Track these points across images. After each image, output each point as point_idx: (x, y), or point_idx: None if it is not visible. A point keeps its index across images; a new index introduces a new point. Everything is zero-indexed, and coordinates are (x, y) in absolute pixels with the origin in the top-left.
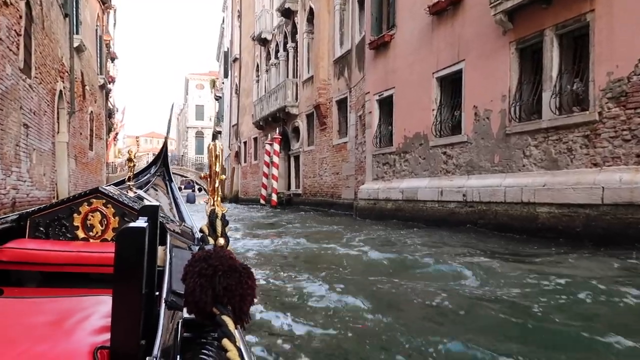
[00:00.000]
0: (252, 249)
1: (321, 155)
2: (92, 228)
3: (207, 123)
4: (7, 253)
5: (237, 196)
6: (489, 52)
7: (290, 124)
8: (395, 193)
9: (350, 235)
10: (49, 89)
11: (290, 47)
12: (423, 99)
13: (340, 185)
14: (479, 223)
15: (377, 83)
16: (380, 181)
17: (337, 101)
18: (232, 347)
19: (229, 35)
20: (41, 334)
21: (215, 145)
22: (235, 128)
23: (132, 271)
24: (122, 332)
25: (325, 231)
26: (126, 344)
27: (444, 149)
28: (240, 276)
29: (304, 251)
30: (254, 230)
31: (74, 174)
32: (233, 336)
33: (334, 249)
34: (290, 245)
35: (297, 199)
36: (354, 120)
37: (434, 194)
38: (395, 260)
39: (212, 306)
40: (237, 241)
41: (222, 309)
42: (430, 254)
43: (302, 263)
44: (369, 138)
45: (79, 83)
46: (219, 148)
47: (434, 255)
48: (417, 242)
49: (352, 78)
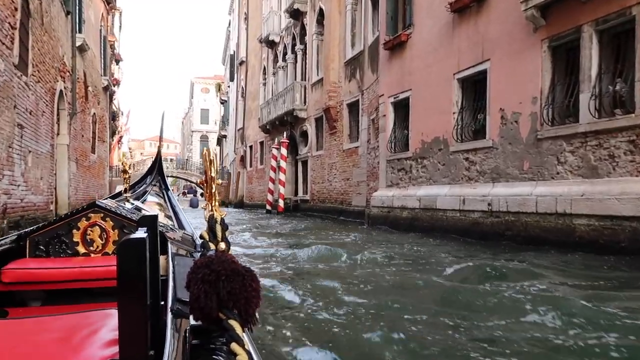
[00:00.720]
0: (269, 269)
1: (330, 160)
2: (92, 242)
3: (212, 127)
4: (9, 274)
5: (242, 201)
6: (517, 51)
7: (298, 128)
8: (411, 201)
9: (377, 250)
10: (48, 89)
11: (299, 49)
12: (442, 102)
13: (351, 192)
14: (506, 235)
15: (392, 85)
16: (395, 188)
17: (348, 104)
18: (242, 351)
19: (235, 38)
20: (49, 352)
21: (209, 151)
22: (241, 132)
23: (135, 282)
24: (130, 344)
25: (342, 242)
26: (135, 355)
27: (466, 154)
28: (244, 279)
29: (333, 274)
30: (262, 241)
31: (74, 177)
32: (241, 340)
33: (376, 271)
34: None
35: (305, 205)
36: (366, 124)
37: (455, 203)
38: (451, 288)
39: (218, 311)
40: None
41: (228, 313)
42: (484, 276)
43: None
44: (383, 142)
45: (81, 83)
46: (213, 153)
47: (488, 277)
48: (455, 256)
49: (364, 80)
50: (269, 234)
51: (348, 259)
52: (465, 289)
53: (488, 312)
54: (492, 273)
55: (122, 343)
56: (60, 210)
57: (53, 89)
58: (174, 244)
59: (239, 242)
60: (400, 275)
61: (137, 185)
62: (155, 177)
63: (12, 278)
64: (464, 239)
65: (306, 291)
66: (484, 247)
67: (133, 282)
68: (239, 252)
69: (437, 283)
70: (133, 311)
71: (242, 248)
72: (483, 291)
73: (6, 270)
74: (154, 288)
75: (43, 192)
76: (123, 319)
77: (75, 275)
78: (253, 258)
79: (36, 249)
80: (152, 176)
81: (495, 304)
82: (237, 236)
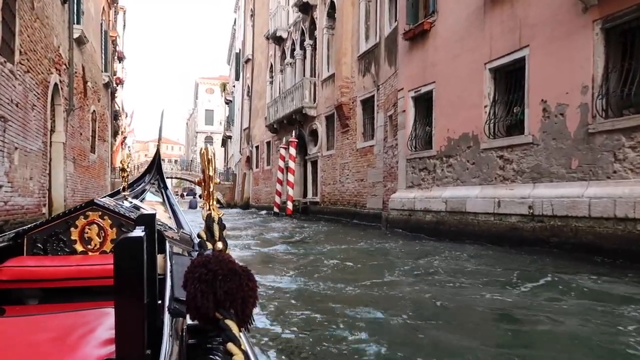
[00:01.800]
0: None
1: (342, 160)
2: (90, 241)
3: (217, 128)
4: (6, 272)
5: (248, 203)
6: (563, 35)
7: (307, 127)
8: (436, 203)
9: (414, 262)
10: (40, 80)
11: (308, 45)
12: (472, 95)
13: (365, 194)
14: (551, 242)
15: (413, 78)
16: (417, 189)
17: (362, 100)
18: (238, 351)
19: (241, 36)
20: (46, 351)
21: (207, 150)
22: (247, 132)
23: (132, 281)
24: (126, 343)
25: (367, 251)
26: (131, 355)
27: (500, 152)
28: (241, 279)
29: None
30: (276, 249)
31: (71, 178)
32: (238, 340)
33: (432, 291)
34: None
35: (314, 208)
36: (382, 121)
37: (489, 205)
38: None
39: (215, 311)
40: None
41: (224, 313)
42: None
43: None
44: (402, 140)
45: (79, 78)
46: (211, 152)
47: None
48: (514, 269)
49: (380, 74)
50: (281, 240)
51: (384, 274)
52: (576, 324)
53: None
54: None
55: (118, 342)
56: (55, 213)
57: (46, 81)
58: (172, 242)
59: (252, 261)
60: (466, 297)
61: (135, 183)
62: (154, 176)
63: (9, 276)
64: (502, 247)
65: (348, 326)
66: (532, 255)
67: (130, 280)
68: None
69: (533, 312)
70: (130, 310)
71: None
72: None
73: (3, 268)
74: (151, 287)
75: (33, 193)
76: (120, 318)
77: (73, 274)
78: (268, 276)
79: (34, 247)
80: (151, 175)
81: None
82: (243, 243)
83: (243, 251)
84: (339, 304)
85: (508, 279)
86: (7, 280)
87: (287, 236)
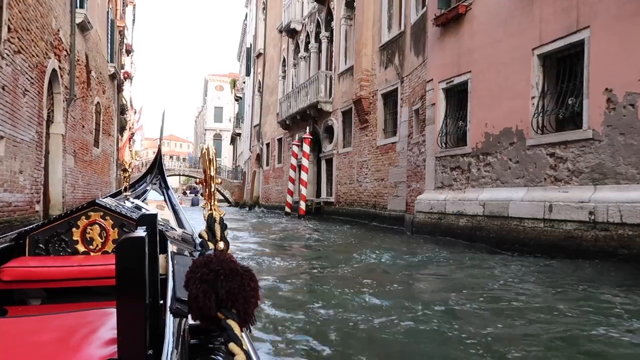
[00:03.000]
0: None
1: (360, 158)
2: (92, 241)
3: (226, 125)
4: (8, 272)
5: (257, 202)
6: (632, 13)
7: (321, 123)
8: (472, 206)
9: (471, 280)
10: (35, 64)
11: (324, 37)
12: (516, 85)
13: (386, 194)
14: (619, 254)
15: (445, 68)
16: (448, 190)
17: (384, 94)
18: (240, 351)
19: (252, 31)
20: (48, 351)
21: (208, 149)
22: (257, 129)
23: (134, 281)
24: (128, 343)
25: (405, 265)
26: (133, 355)
27: (551, 148)
28: (243, 279)
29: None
30: (284, 262)
31: (72, 173)
32: (240, 340)
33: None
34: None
35: (329, 209)
36: (406, 115)
37: (538, 210)
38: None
39: (217, 311)
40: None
41: (226, 313)
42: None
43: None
44: (431, 136)
45: (82, 66)
46: (212, 152)
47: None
48: (614, 292)
49: (404, 65)
50: (294, 244)
51: (437, 304)
52: None
53: None
54: None
55: (120, 342)
56: (52, 212)
57: (42, 65)
58: (174, 242)
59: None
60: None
61: (137, 183)
62: (156, 175)
63: (11, 276)
64: (555, 258)
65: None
66: (601, 270)
67: (132, 281)
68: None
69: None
70: (132, 310)
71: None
72: None
73: (6, 269)
74: (153, 287)
75: (23, 189)
76: (122, 318)
77: (75, 274)
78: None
79: (36, 247)
80: (153, 175)
81: None
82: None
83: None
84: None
85: (610, 308)
86: (9, 281)
87: (302, 242)
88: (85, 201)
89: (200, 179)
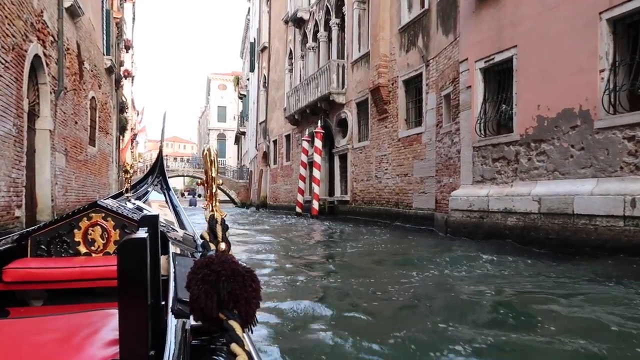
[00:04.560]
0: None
1: (379, 153)
2: (94, 242)
3: (230, 125)
4: (10, 274)
5: (265, 203)
6: None
7: (334, 116)
8: (523, 202)
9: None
10: (10, 45)
11: (334, 24)
12: (577, 57)
13: (410, 191)
14: None
15: (483, 44)
16: (490, 184)
17: (405, 81)
18: (242, 352)
19: (256, 24)
20: (50, 352)
21: (210, 150)
22: (263, 125)
23: (136, 282)
24: (130, 344)
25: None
26: (135, 355)
27: (630, 131)
28: (244, 280)
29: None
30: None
31: (63, 173)
32: (241, 340)
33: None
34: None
35: (344, 208)
36: (433, 102)
37: (615, 206)
38: None
39: (218, 312)
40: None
41: (228, 313)
42: None
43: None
44: (466, 124)
45: (72, 56)
46: (214, 153)
47: None
48: None
49: (430, 47)
50: (331, 262)
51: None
52: None
53: None
54: None
55: (122, 343)
56: (40, 217)
57: (21, 49)
58: (175, 243)
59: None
60: None
61: (138, 185)
62: (157, 177)
63: (13, 277)
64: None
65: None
66: None
67: (134, 282)
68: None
69: None
70: (134, 311)
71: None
72: None
73: (8, 270)
74: (155, 288)
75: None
76: (124, 319)
77: (77, 275)
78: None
79: (37, 249)
80: (154, 176)
81: None
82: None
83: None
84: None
85: None
86: (11, 282)
87: (326, 248)
88: (80, 205)
89: (202, 180)
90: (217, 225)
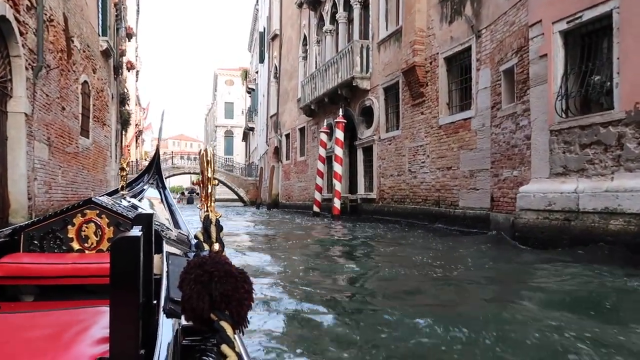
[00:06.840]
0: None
1: (413, 143)
2: (87, 239)
3: (237, 121)
4: (2, 268)
5: (277, 201)
6: None
7: (356, 105)
8: (631, 200)
9: None
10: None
11: (355, 2)
12: None
13: (455, 187)
14: None
15: (564, 1)
16: (577, 177)
17: (447, 58)
18: (232, 353)
19: (266, 12)
20: (40, 347)
21: (206, 151)
22: (275, 119)
23: (128, 281)
24: (120, 342)
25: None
26: (125, 354)
27: None
28: (237, 281)
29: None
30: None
31: (45, 167)
32: (232, 342)
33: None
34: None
35: (369, 207)
36: (487, 80)
37: None
38: None
39: (210, 312)
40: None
41: (220, 314)
42: None
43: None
44: (539, 102)
45: (58, 30)
46: (210, 153)
47: None
48: None
49: (483, 14)
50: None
51: None
52: None
53: None
54: None
55: (113, 341)
56: (13, 218)
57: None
58: (169, 243)
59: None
60: None
61: (134, 182)
62: (153, 175)
63: (5, 272)
64: None
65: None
66: None
67: (126, 280)
68: None
69: None
70: (125, 309)
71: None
72: None
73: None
74: (147, 287)
75: None
76: (115, 317)
77: (69, 272)
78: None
79: (30, 244)
80: (150, 174)
81: None
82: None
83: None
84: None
85: None
86: (3, 277)
87: (364, 266)
88: (69, 203)
89: (198, 180)
90: (211, 226)
